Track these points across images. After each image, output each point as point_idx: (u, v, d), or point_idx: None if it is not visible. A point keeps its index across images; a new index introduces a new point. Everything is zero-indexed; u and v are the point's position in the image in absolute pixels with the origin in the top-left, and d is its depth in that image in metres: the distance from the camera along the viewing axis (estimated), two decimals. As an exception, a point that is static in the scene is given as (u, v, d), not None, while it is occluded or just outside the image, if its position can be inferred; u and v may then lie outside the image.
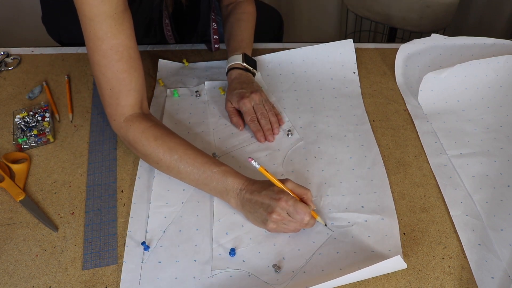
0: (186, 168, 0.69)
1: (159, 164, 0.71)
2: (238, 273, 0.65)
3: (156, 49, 1.01)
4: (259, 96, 0.83)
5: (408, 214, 0.71)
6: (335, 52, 0.95)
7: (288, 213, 0.65)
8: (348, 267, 0.64)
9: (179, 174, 0.70)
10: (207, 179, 0.69)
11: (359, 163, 0.78)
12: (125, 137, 0.73)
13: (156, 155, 0.70)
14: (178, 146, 0.70)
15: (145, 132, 0.70)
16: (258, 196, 0.66)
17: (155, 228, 0.70)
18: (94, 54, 0.69)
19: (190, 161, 0.69)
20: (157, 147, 0.70)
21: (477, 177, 0.75)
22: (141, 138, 0.70)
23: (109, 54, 0.68)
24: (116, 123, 0.72)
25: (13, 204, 0.74)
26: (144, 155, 0.72)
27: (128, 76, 0.70)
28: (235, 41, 0.91)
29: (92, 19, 0.66)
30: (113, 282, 0.64)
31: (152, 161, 0.71)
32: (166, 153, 0.69)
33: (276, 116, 0.83)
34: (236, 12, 0.96)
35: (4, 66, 0.98)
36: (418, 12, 1.40)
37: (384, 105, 0.88)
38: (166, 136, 0.71)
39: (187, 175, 0.70)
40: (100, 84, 0.71)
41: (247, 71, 0.88)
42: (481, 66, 0.87)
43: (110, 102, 0.71)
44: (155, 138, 0.70)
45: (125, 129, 0.72)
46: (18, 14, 1.78)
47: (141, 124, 0.71)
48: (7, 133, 0.85)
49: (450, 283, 0.63)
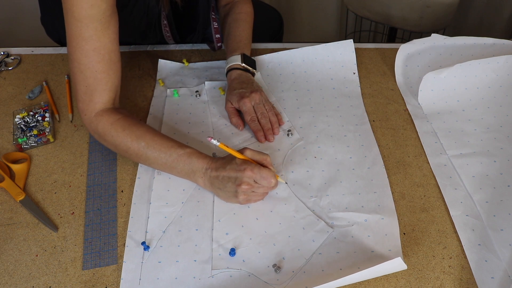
0: (154, 154, 0.72)
1: (128, 153, 0.73)
2: (238, 273, 0.65)
3: (156, 49, 1.01)
4: (259, 96, 0.83)
5: (408, 214, 0.71)
6: (335, 52, 0.95)
7: (255, 180, 0.68)
8: (348, 267, 0.64)
9: (147, 160, 0.73)
10: (173, 162, 0.71)
11: (359, 163, 0.78)
12: (95, 131, 0.75)
13: (124, 144, 0.73)
14: (145, 134, 0.72)
15: (114, 124, 0.73)
16: (223, 172, 0.69)
17: (155, 228, 0.70)
18: (75, 52, 0.71)
19: (157, 146, 0.72)
20: (124, 136, 0.72)
21: (477, 177, 0.75)
22: (110, 129, 0.73)
23: (91, 55, 0.70)
24: (87, 118, 0.75)
25: (13, 204, 0.74)
26: (114, 145, 0.74)
27: (105, 76, 0.73)
28: (234, 42, 0.91)
29: (79, 20, 0.68)
30: (113, 282, 0.64)
31: (122, 150, 0.74)
32: (134, 141, 0.72)
33: (276, 116, 0.83)
34: (234, 12, 0.96)
35: (4, 66, 0.98)
36: (418, 12, 1.40)
37: (384, 105, 0.88)
38: (134, 125, 0.73)
39: (155, 160, 0.72)
40: (76, 80, 0.73)
41: (247, 71, 0.88)
42: (481, 66, 0.87)
43: (84, 98, 0.74)
44: (123, 129, 0.73)
45: (95, 123, 0.74)
46: (18, 14, 1.78)
47: (110, 117, 0.74)
48: (7, 133, 0.85)
49: (450, 283, 0.63)
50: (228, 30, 0.94)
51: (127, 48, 1.02)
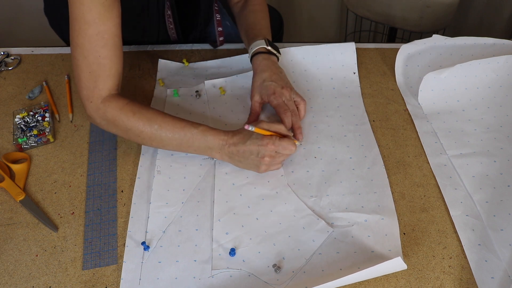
0: (168, 135, 0.72)
1: (141, 137, 0.73)
2: (238, 273, 0.65)
3: (156, 49, 1.01)
4: (288, 93, 0.82)
5: (408, 214, 0.71)
6: (336, 53, 0.95)
7: (277, 151, 0.72)
8: (348, 267, 0.64)
9: (161, 142, 0.74)
10: (189, 141, 0.73)
11: (359, 163, 0.78)
12: (103, 117, 0.73)
13: (137, 128, 0.72)
14: (156, 116, 0.73)
15: (123, 108, 0.73)
16: (243, 146, 0.72)
17: (155, 228, 0.70)
18: (78, 37, 0.70)
19: (170, 127, 0.72)
20: (136, 120, 0.72)
21: (477, 177, 0.75)
22: (120, 115, 0.72)
23: (94, 40, 0.69)
24: (93, 105, 0.73)
25: (13, 204, 0.74)
26: (125, 130, 0.73)
27: (109, 62, 0.72)
28: (255, 29, 0.90)
29: (82, 3, 0.67)
30: (113, 282, 0.64)
31: (134, 134, 0.73)
32: (146, 125, 0.72)
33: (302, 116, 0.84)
34: (248, 5, 0.96)
35: (4, 66, 0.98)
36: (418, 12, 1.40)
37: (384, 105, 0.88)
38: (143, 109, 0.74)
39: (170, 141, 0.73)
40: (79, 67, 0.72)
41: (272, 55, 0.87)
42: (481, 66, 0.87)
43: (88, 85, 0.72)
44: (134, 113, 0.72)
45: (103, 109, 0.73)
46: (18, 14, 1.78)
47: (118, 103, 0.73)
48: (7, 133, 0.85)
49: (450, 283, 0.63)
50: (246, 22, 0.93)
51: (127, 48, 1.01)
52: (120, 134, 0.76)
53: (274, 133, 0.74)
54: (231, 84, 0.92)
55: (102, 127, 0.76)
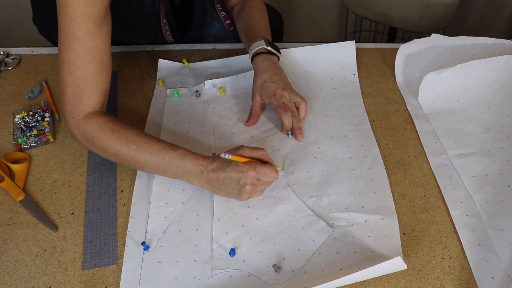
0: (145, 157, 0.70)
1: (118, 157, 0.71)
2: (238, 273, 0.65)
3: (156, 49, 1.01)
4: (289, 94, 0.82)
5: (408, 214, 0.71)
6: (336, 53, 0.95)
7: (259, 178, 0.68)
8: (348, 267, 0.64)
9: (139, 163, 0.71)
10: (166, 164, 0.70)
11: (359, 163, 0.78)
12: (83, 134, 0.72)
13: (114, 147, 0.70)
14: (135, 137, 0.71)
15: (103, 126, 0.71)
16: (223, 173, 0.68)
17: (155, 228, 0.70)
18: (66, 52, 0.69)
19: (148, 149, 0.70)
20: (114, 139, 0.70)
21: (477, 177, 0.75)
22: (99, 132, 0.71)
23: (82, 55, 0.69)
24: (74, 121, 0.72)
25: (13, 204, 0.74)
26: (103, 149, 0.72)
27: (96, 78, 0.71)
28: (253, 30, 0.91)
29: (73, 19, 0.67)
30: (113, 282, 0.64)
31: (111, 154, 0.72)
32: (124, 145, 0.70)
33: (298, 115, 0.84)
34: (246, 7, 0.96)
35: (4, 66, 0.98)
36: (418, 12, 1.40)
37: (384, 105, 0.88)
38: (123, 128, 0.72)
39: (147, 163, 0.71)
40: (65, 82, 0.71)
41: (272, 55, 0.87)
42: (481, 66, 0.87)
43: (72, 101, 0.72)
44: (113, 132, 0.71)
45: (83, 126, 0.72)
46: (18, 14, 1.78)
47: (99, 120, 0.72)
48: (7, 133, 0.85)
49: (450, 283, 0.63)
50: (245, 24, 0.93)
51: (127, 48, 1.01)
52: (98, 153, 0.74)
53: (255, 159, 0.70)
54: (231, 84, 0.92)
55: (83, 144, 0.74)
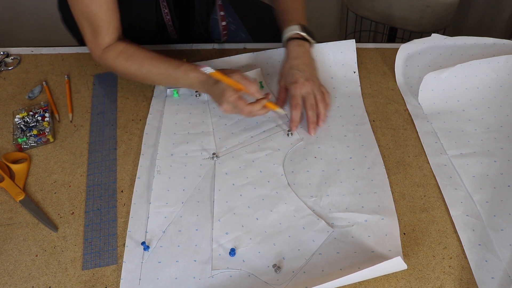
0: (156, 77, 0.84)
1: (137, 78, 0.86)
2: (238, 273, 0.65)
3: (156, 49, 1.01)
4: (311, 85, 0.83)
5: (408, 214, 0.71)
6: (336, 51, 0.95)
7: (234, 106, 0.77)
8: (348, 267, 0.64)
9: (153, 82, 0.89)
10: (175, 80, 0.84)
11: (359, 163, 0.78)
12: (105, 65, 0.86)
13: (131, 72, 0.84)
14: (145, 61, 0.83)
15: (118, 57, 0.83)
16: (212, 88, 0.79)
17: (155, 228, 0.70)
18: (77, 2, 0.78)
19: (156, 70, 0.83)
20: (129, 66, 0.83)
21: (477, 177, 0.75)
22: (116, 63, 0.84)
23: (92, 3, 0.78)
24: (96, 56, 0.85)
25: (13, 204, 0.74)
26: (124, 74, 0.86)
27: (106, 23, 0.81)
28: (290, 14, 0.92)
29: None
30: (113, 282, 0.64)
31: (131, 77, 0.86)
32: (137, 70, 0.83)
33: (325, 108, 0.83)
34: None
35: (4, 66, 0.98)
36: (418, 12, 1.40)
37: (384, 105, 0.88)
38: (135, 54, 0.84)
39: (159, 82, 0.88)
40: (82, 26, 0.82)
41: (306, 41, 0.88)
42: (481, 66, 0.87)
43: (91, 39, 0.83)
44: (126, 60, 0.83)
45: (103, 59, 0.85)
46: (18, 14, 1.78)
47: (113, 52, 0.83)
48: (7, 133, 0.85)
49: (450, 283, 0.63)
50: (280, 6, 0.94)
51: (127, 48, 1.01)
52: (123, 77, 0.91)
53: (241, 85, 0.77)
54: (231, 84, 0.92)
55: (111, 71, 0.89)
